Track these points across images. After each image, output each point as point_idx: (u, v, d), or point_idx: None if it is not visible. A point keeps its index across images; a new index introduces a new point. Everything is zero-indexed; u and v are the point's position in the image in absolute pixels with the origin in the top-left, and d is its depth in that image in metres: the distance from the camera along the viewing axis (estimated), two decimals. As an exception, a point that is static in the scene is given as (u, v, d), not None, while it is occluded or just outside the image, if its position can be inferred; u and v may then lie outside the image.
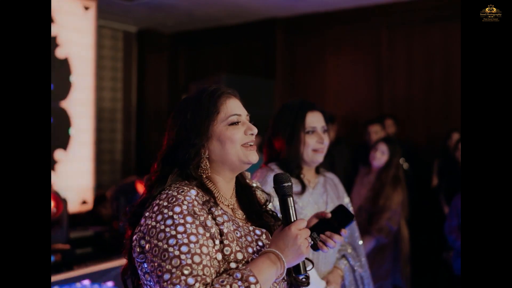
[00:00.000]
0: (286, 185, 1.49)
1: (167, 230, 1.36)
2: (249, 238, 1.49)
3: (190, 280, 1.31)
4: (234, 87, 1.62)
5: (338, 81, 6.73)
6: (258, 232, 1.53)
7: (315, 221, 1.81)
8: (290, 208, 1.48)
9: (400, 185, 3.94)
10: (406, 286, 4.08)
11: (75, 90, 5.47)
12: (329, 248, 1.60)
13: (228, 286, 1.32)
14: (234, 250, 1.43)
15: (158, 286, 1.34)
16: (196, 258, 1.34)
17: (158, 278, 1.34)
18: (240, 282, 1.33)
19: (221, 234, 1.43)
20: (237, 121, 1.54)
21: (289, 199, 1.49)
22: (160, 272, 1.34)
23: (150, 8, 6.66)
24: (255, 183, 1.74)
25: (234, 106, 1.55)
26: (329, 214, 1.65)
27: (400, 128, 5.97)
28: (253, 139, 1.56)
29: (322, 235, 1.59)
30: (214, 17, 7.02)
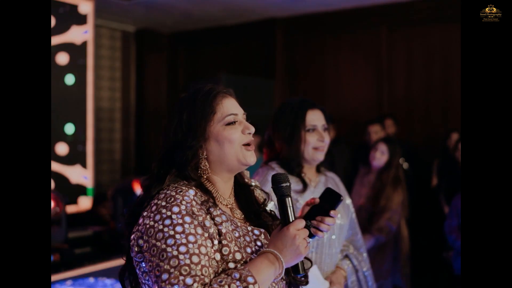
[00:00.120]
0: (284, 185, 1.49)
1: (166, 230, 1.36)
2: (247, 238, 1.48)
3: (189, 280, 1.30)
4: (233, 87, 1.61)
5: (338, 81, 6.72)
6: (256, 232, 1.52)
7: (307, 209, 1.81)
8: (289, 208, 1.47)
9: (400, 185, 3.95)
10: (406, 286, 4.07)
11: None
12: (323, 232, 1.58)
13: (226, 286, 1.32)
14: (233, 250, 1.42)
15: (156, 286, 1.33)
16: (194, 258, 1.33)
17: (156, 278, 1.33)
18: (238, 282, 1.33)
19: (219, 234, 1.42)
20: (234, 120, 1.53)
21: (287, 199, 1.48)
22: (158, 272, 1.33)
23: (149, 7, 6.65)
24: (254, 182, 1.73)
25: (230, 106, 1.54)
26: (317, 199, 1.64)
27: (400, 128, 5.97)
28: (251, 138, 1.55)
29: (313, 221, 1.57)
30: (214, 17, 7.01)
